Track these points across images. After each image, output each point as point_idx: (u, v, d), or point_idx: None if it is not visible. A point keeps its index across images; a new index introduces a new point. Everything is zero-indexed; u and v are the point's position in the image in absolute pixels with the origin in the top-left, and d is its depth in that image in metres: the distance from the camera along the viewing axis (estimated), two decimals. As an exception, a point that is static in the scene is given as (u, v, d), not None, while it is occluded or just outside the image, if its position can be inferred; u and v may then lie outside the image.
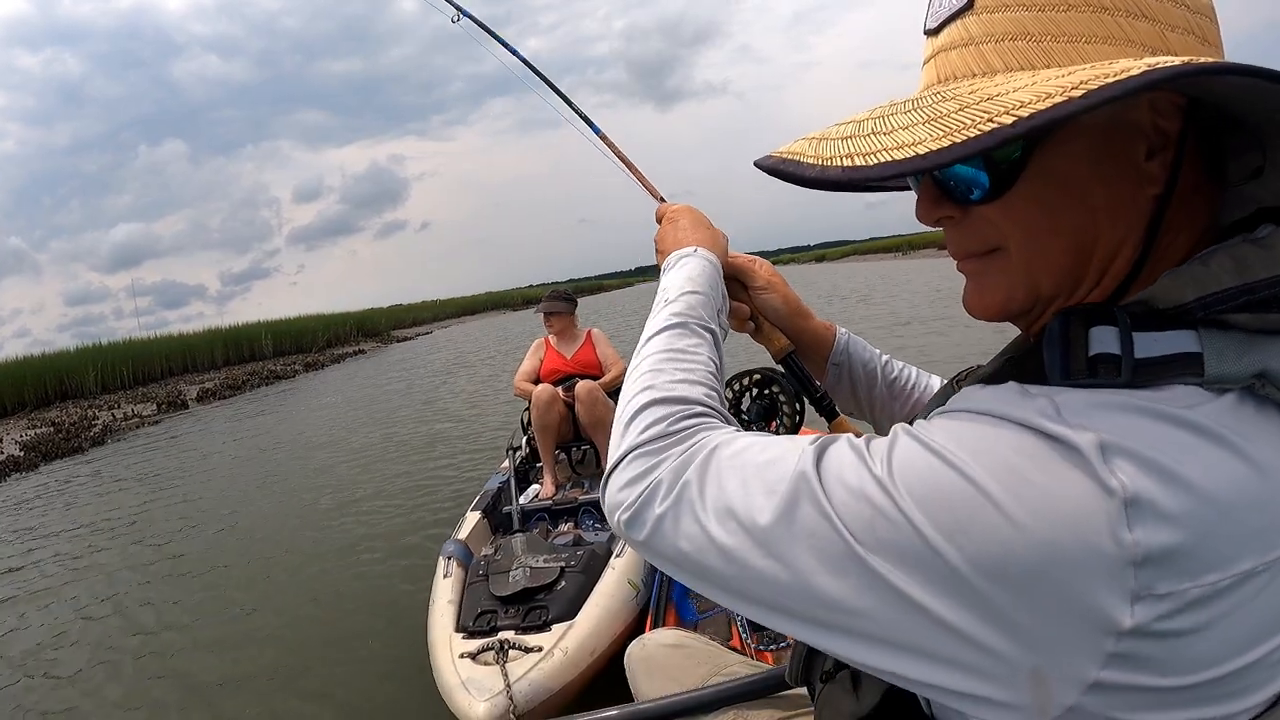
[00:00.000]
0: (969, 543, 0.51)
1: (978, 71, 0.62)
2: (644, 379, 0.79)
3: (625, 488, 0.69)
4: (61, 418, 16.85)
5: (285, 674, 3.97)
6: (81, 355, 23.03)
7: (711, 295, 0.94)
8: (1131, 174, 0.61)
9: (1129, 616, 0.49)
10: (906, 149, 0.55)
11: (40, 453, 12.68)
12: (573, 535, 4.28)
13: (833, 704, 0.81)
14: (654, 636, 1.51)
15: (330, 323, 37.44)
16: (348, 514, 6.84)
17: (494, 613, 3.25)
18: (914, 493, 0.53)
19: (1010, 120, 0.51)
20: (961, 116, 0.54)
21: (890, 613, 0.54)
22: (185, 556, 6.29)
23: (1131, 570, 0.48)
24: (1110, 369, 0.55)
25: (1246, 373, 0.54)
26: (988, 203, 0.64)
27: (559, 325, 5.77)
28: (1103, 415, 0.52)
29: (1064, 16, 0.59)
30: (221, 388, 20.44)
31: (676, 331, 0.86)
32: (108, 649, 4.63)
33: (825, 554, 0.56)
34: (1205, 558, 0.49)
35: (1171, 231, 0.62)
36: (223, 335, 29.80)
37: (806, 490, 0.58)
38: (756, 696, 1.27)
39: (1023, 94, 0.52)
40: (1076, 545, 0.49)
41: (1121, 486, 0.49)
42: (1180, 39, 0.59)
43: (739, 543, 0.60)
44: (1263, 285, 0.55)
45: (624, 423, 0.75)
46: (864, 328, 14.25)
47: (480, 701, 2.65)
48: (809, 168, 0.62)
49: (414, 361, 24.01)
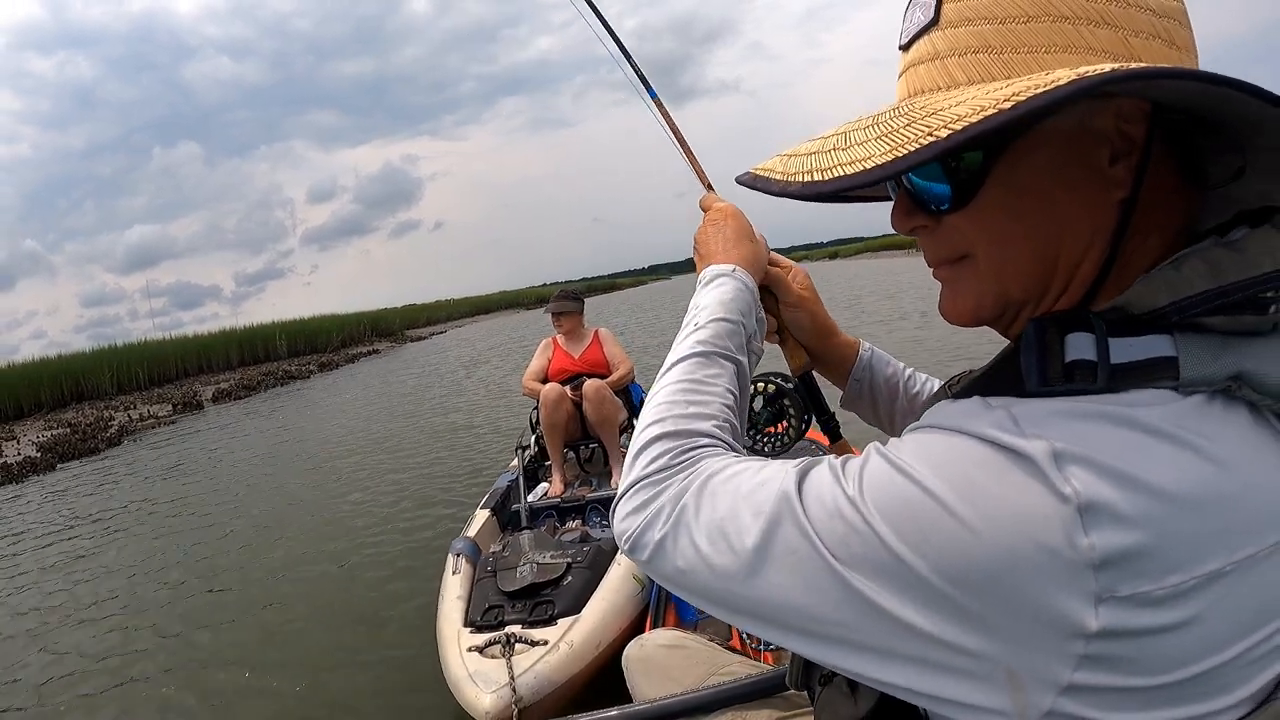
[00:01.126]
0: (932, 551, 0.53)
1: (943, 85, 0.64)
2: (658, 410, 0.82)
3: (629, 516, 0.73)
4: (78, 419, 16.95)
5: (295, 666, 4.03)
6: (97, 357, 23.11)
7: (743, 322, 0.94)
8: (1096, 179, 0.62)
9: (1094, 619, 0.50)
10: (858, 164, 0.58)
11: (57, 453, 12.76)
12: (580, 532, 4.31)
13: (831, 707, 0.83)
14: (652, 637, 1.53)
15: (344, 323, 37.34)
16: (361, 510, 6.94)
17: (501, 607, 3.29)
18: (880, 508, 0.56)
19: (946, 134, 0.53)
20: (907, 132, 0.57)
21: (869, 624, 0.56)
22: (202, 547, 6.39)
23: (1091, 573, 0.49)
24: (1087, 375, 0.56)
25: (1221, 375, 0.55)
26: (955, 212, 0.66)
27: (568, 325, 5.79)
28: (1060, 423, 0.54)
29: (1024, 28, 0.61)
30: (236, 388, 20.48)
31: (698, 361, 0.88)
32: (126, 632, 4.71)
33: (806, 570, 0.59)
34: (1167, 559, 0.50)
35: (1140, 235, 0.63)
36: (237, 336, 29.83)
37: (788, 511, 0.61)
38: (756, 697, 1.27)
39: (961, 108, 0.55)
40: (1034, 551, 0.50)
41: (1075, 493, 0.50)
42: (1144, 44, 0.60)
43: (729, 561, 0.63)
44: (1235, 288, 0.56)
45: (633, 455, 0.79)
46: (877, 323, 14.21)
47: (486, 693, 2.69)
48: (775, 183, 0.66)
49: (427, 361, 24.08)
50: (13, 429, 16.80)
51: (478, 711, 2.69)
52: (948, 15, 0.65)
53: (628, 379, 5.75)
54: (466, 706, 2.77)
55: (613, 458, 5.32)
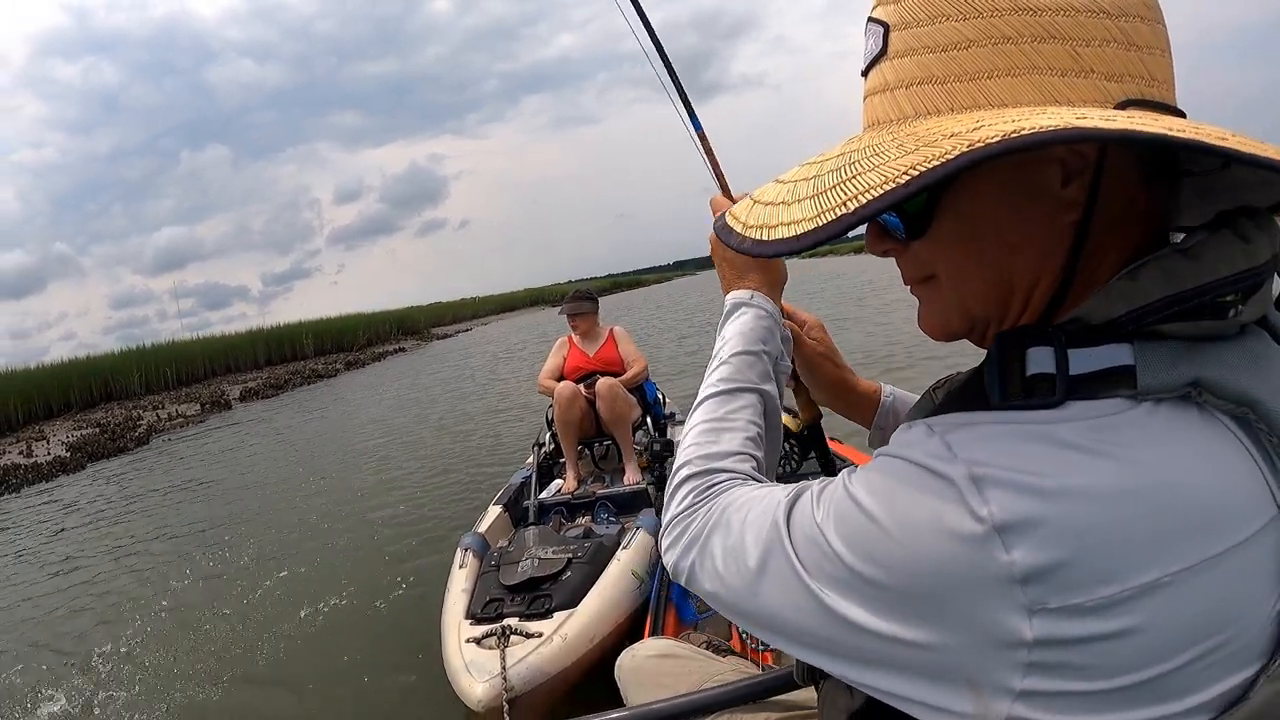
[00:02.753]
0: (878, 569, 0.57)
1: (894, 117, 0.64)
2: (686, 452, 0.90)
3: (669, 549, 0.83)
4: (107, 418, 17.23)
5: (304, 658, 4.14)
6: (126, 357, 23.46)
7: (764, 350, 0.98)
8: (1048, 203, 0.62)
9: (1029, 629, 0.51)
10: (791, 227, 0.59)
11: (86, 453, 12.99)
12: (584, 528, 4.36)
13: (832, 699, 0.87)
14: (643, 648, 1.55)
15: (370, 321, 37.62)
16: (380, 506, 7.07)
17: (501, 600, 3.35)
18: (837, 530, 0.60)
19: (854, 207, 0.54)
20: (830, 196, 0.57)
21: (844, 634, 0.60)
22: (226, 536, 6.53)
23: (1018, 588, 0.51)
24: (1046, 388, 0.57)
25: (1179, 381, 0.55)
26: (914, 240, 0.68)
27: (583, 325, 5.83)
28: (986, 445, 0.55)
29: (966, 55, 0.60)
30: (264, 387, 20.71)
31: (721, 398, 0.94)
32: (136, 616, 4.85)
33: (792, 590, 0.64)
34: (1095, 571, 0.50)
35: (1099, 252, 0.63)
36: (264, 335, 30.15)
37: (778, 539, 0.66)
38: (757, 698, 1.30)
39: (872, 176, 0.54)
40: (961, 568, 0.53)
41: (990, 515, 0.51)
42: (1097, 52, 0.58)
43: (739, 582, 0.70)
44: (1190, 294, 0.56)
45: (669, 495, 0.88)
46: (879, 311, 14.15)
47: (479, 683, 2.75)
48: (735, 237, 0.66)
49: (454, 359, 24.25)
50: (43, 429, 17.10)
51: (470, 700, 2.75)
52: (894, 45, 0.64)
53: (641, 377, 5.77)
54: (460, 695, 2.83)
55: (626, 455, 5.32)
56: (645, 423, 5.74)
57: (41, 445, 14.66)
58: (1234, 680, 0.54)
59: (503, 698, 2.70)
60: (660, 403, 6.09)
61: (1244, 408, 0.55)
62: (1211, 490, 0.53)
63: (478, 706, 2.72)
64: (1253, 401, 0.55)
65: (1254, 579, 0.54)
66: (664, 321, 25.56)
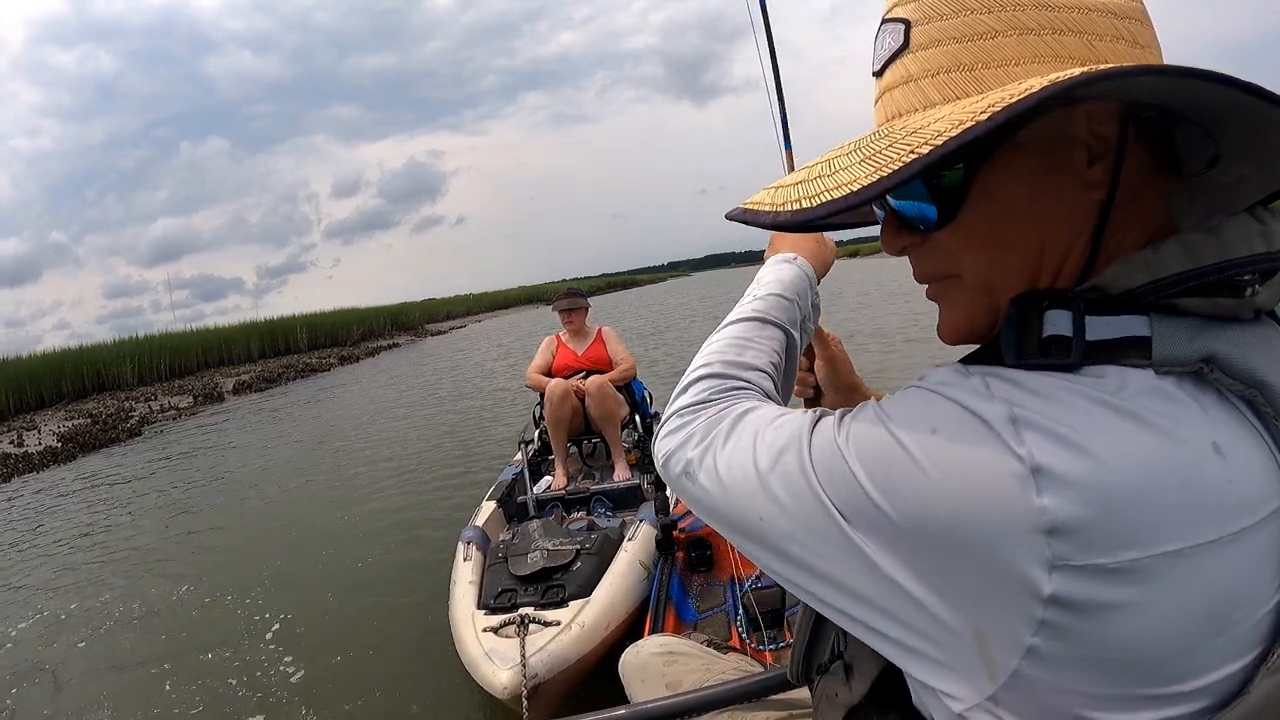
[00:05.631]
0: (898, 498, 0.56)
1: (919, 106, 0.65)
2: (707, 355, 0.90)
3: (669, 435, 0.81)
4: (98, 409, 17.09)
5: (311, 653, 4.13)
6: (119, 347, 23.27)
7: (798, 301, 1.01)
8: (1075, 183, 0.64)
9: (1047, 583, 0.51)
10: (844, 187, 0.60)
11: (77, 444, 12.89)
12: (586, 521, 4.46)
13: (828, 694, 0.87)
14: (647, 645, 1.57)
15: (365, 316, 37.47)
16: (373, 500, 7.11)
17: (514, 591, 3.40)
18: (859, 453, 0.59)
19: (928, 150, 0.54)
20: (890, 152, 0.58)
21: (843, 558, 0.59)
22: (221, 531, 6.56)
23: (1043, 539, 0.50)
24: (1061, 349, 0.58)
25: (1193, 356, 0.56)
26: (941, 228, 0.68)
27: (576, 321, 5.99)
28: (1026, 392, 0.55)
29: (992, 44, 0.62)
30: (257, 380, 20.60)
31: (753, 324, 0.95)
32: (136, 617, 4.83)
33: (798, 491, 0.62)
34: (1121, 533, 0.50)
35: (1120, 230, 0.64)
36: (258, 328, 29.95)
37: (797, 443, 0.65)
38: (757, 697, 1.31)
39: (940, 124, 0.56)
40: (989, 506, 0.52)
41: (1029, 455, 0.52)
42: (1109, 46, 0.61)
43: (740, 481, 0.68)
44: (1210, 270, 0.57)
45: (680, 388, 0.87)
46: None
47: (504, 670, 2.80)
48: (765, 215, 0.67)
49: (446, 355, 24.26)
50: (34, 419, 16.97)
51: (495, 687, 2.80)
52: (917, 39, 0.66)
53: (630, 375, 5.94)
54: (483, 683, 2.87)
55: (614, 452, 5.43)
56: (633, 421, 5.85)
57: (32, 435, 14.54)
58: (1233, 667, 0.54)
59: (525, 685, 2.73)
60: (648, 401, 6.21)
61: (1253, 389, 0.56)
62: (1235, 468, 0.54)
63: (503, 694, 2.76)
64: (1261, 383, 0.56)
65: (1262, 562, 0.54)
66: (664, 322, 25.58)
